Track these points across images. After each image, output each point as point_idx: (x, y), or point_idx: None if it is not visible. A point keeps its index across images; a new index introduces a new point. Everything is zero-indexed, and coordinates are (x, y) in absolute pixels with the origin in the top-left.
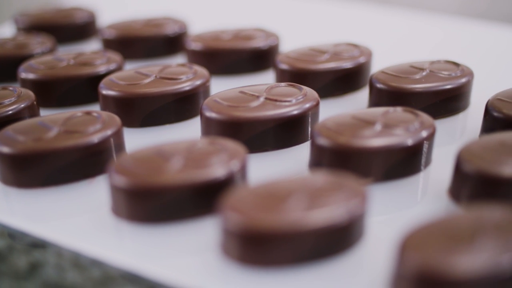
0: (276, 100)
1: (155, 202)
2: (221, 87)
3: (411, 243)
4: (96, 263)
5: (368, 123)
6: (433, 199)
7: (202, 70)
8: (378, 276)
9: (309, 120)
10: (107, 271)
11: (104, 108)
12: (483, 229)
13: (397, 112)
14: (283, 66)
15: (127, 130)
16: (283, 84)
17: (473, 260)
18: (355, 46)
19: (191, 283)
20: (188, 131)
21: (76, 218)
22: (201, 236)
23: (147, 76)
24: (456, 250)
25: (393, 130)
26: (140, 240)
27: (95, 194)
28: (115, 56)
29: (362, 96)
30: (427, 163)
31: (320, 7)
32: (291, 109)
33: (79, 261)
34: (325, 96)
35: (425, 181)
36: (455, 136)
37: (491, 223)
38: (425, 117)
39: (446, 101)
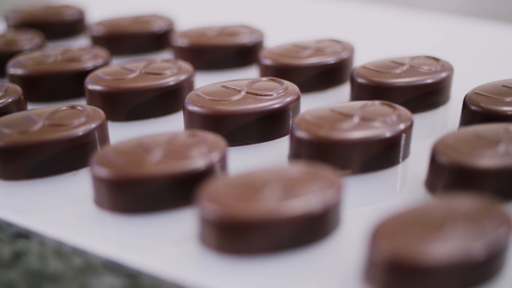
0: (257, 94)
1: (136, 193)
2: (206, 82)
3: (382, 232)
4: (77, 252)
5: (346, 116)
6: (410, 191)
7: (186, 66)
8: (353, 264)
9: (290, 113)
10: (89, 260)
11: (90, 102)
12: (453, 217)
13: (375, 105)
14: (267, 62)
15: (113, 124)
16: (264, 78)
17: (442, 247)
18: (338, 42)
19: (170, 272)
20: (172, 124)
21: (60, 209)
22: (181, 227)
23: (132, 71)
24: (426, 238)
25: (371, 123)
26: (121, 230)
27: (79, 186)
28: (102, 52)
29: (344, 91)
30: (405, 155)
31: (305, 4)
32: (272, 102)
33: (61, 250)
34: (308, 90)
35: (403, 173)
36: (435, 130)
37: (461, 212)
38: (402, 110)
39: (426, 95)
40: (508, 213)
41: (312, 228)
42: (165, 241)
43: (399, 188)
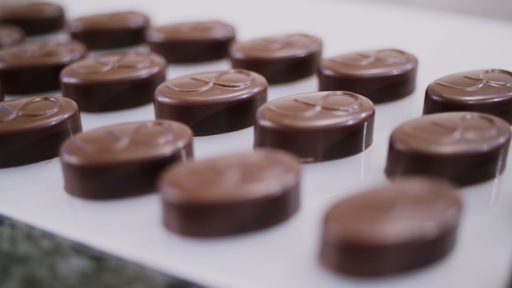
0: (224, 86)
1: (104, 179)
2: (179, 75)
3: (333, 214)
4: (47, 235)
5: (309, 105)
6: (372, 178)
7: (158, 59)
8: (310, 245)
9: (257, 104)
10: (57, 243)
11: (65, 95)
12: (404, 199)
13: (337, 95)
14: (238, 55)
15: (87, 115)
16: (232, 70)
17: (392, 227)
18: (307, 36)
19: (134, 254)
20: (144, 115)
21: (33, 196)
22: (148, 212)
23: (106, 64)
24: (377, 219)
25: (334, 111)
26: (90, 215)
27: (51, 174)
28: (78, 47)
29: (312, 83)
30: (368, 144)
31: None
32: (239, 93)
33: (31, 234)
34: (278, 82)
35: (366, 161)
36: (399, 120)
37: (412, 194)
38: (364, 99)
39: (392, 87)
40: (459, 195)
41: (272, 211)
42: (131, 226)
43: (359, 175)
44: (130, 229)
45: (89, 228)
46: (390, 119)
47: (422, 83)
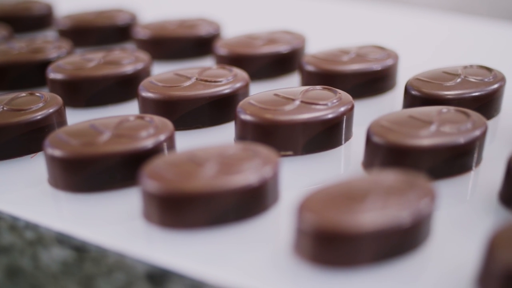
0: (207, 81)
1: (87, 172)
2: (164, 71)
3: (307, 204)
4: (30, 227)
5: (289, 100)
6: (350, 171)
7: (143, 56)
8: (288, 236)
9: (239, 99)
10: (40, 233)
11: (51, 90)
12: (377, 190)
13: (317, 90)
14: (222, 52)
15: (73, 110)
16: (215, 66)
17: (365, 216)
18: (290, 33)
19: (114, 245)
20: (129, 110)
21: (17, 189)
22: (129, 204)
23: (91, 61)
24: (350, 208)
25: (313, 106)
26: (73, 207)
27: (35, 168)
28: (65, 44)
29: (295, 78)
30: (348, 137)
31: None
32: (221, 88)
33: (15, 225)
34: (261, 78)
35: (346, 155)
36: (380, 114)
37: (385, 185)
38: (343, 94)
39: (373, 82)
40: (431, 185)
41: (250, 202)
42: (114, 217)
43: (341, 168)
44: (112, 221)
45: (71, 219)
46: (371, 113)
47: (403, 78)
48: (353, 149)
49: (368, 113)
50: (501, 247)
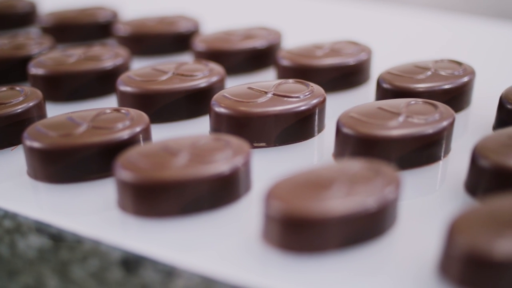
0: (183, 75)
1: (65, 163)
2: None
3: (275, 192)
4: (9, 216)
5: (262, 92)
6: (323, 161)
7: (122, 51)
8: (259, 224)
9: (215, 93)
10: (18, 222)
11: (33, 85)
12: (342, 177)
13: (289, 83)
14: (200, 47)
15: (54, 104)
16: (191, 62)
17: (329, 203)
18: (266, 29)
19: (90, 232)
20: (108, 104)
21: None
22: (105, 194)
23: (72, 56)
24: (316, 196)
25: (286, 98)
26: (51, 197)
27: (15, 160)
28: (47, 40)
29: (271, 73)
30: (320, 129)
31: None
32: (197, 82)
33: None
34: (238, 73)
35: (319, 146)
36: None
37: (351, 173)
38: (315, 87)
39: (346, 76)
40: (396, 173)
41: (222, 191)
42: (90, 207)
43: (313, 159)
44: (89, 210)
45: (49, 209)
46: (344, 106)
47: (377, 72)
48: (325, 141)
49: (341, 106)
50: (460, 232)
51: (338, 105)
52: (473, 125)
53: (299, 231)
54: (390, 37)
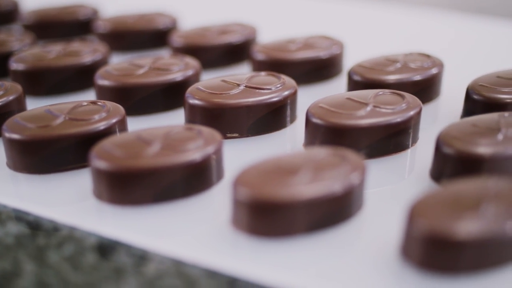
0: (159, 69)
1: (43, 154)
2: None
3: (243, 178)
4: None
5: (234, 85)
6: (292, 150)
7: (101, 47)
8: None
9: (190, 86)
10: None
11: (14, 80)
12: (308, 164)
13: (261, 76)
14: (177, 43)
15: (34, 98)
16: (167, 56)
17: (296, 188)
18: (242, 25)
19: (66, 220)
20: (86, 98)
21: None
22: (82, 183)
23: (52, 52)
24: (282, 181)
25: (257, 90)
26: (30, 187)
27: None
28: (28, 37)
29: (246, 67)
30: (292, 120)
31: None
32: (173, 76)
33: None
34: (214, 67)
35: (290, 136)
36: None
37: (316, 159)
38: (287, 79)
39: (319, 69)
40: (361, 159)
41: (194, 180)
42: (67, 196)
43: (285, 149)
44: (66, 199)
45: (28, 198)
46: (317, 98)
47: (349, 66)
48: (297, 131)
49: (314, 98)
50: (419, 215)
51: (311, 97)
52: (442, 116)
53: (266, 215)
54: (362, 31)
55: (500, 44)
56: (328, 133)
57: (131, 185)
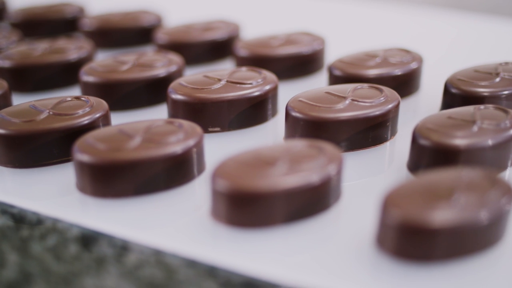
0: (143, 65)
1: (28, 148)
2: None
3: (221, 170)
4: None
5: (216, 80)
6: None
7: (86, 44)
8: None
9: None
10: None
11: (0, 77)
12: (286, 156)
13: (243, 71)
14: (161, 40)
15: (21, 95)
16: (151, 53)
17: (273, 180)
18: (225, 22)
19: (50, 212)
20: (71, 93)
21: None
22: (66, 177)
23: (38, 49)
24: (260, 173)
25: (238, 85)
26: (14, 181)
27: None
28: (15, 35)
29: (229, 63)
30: (274, 114)
31: None
32: (157, 72)
33: None
34: (198, 63)
35: (272, 130)
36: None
37: (293, 152)
38: (268, 74)
39: (301, 65)
40: (338, 151)
41: (175, 172)
42: (51, 189)
43: (267, 142)
44: (49, 192)
45: (13, 192)
46: (299, 92)
47: (330, 61)
48: (279, 125)
49: (296, 92)
50: (393, 205)
51: (293, 92)
52: (421, 109)
53: (244, 206)
54: (343, 27)
55: (479, 39)
56: (307, 126)
57: (113, 178)
